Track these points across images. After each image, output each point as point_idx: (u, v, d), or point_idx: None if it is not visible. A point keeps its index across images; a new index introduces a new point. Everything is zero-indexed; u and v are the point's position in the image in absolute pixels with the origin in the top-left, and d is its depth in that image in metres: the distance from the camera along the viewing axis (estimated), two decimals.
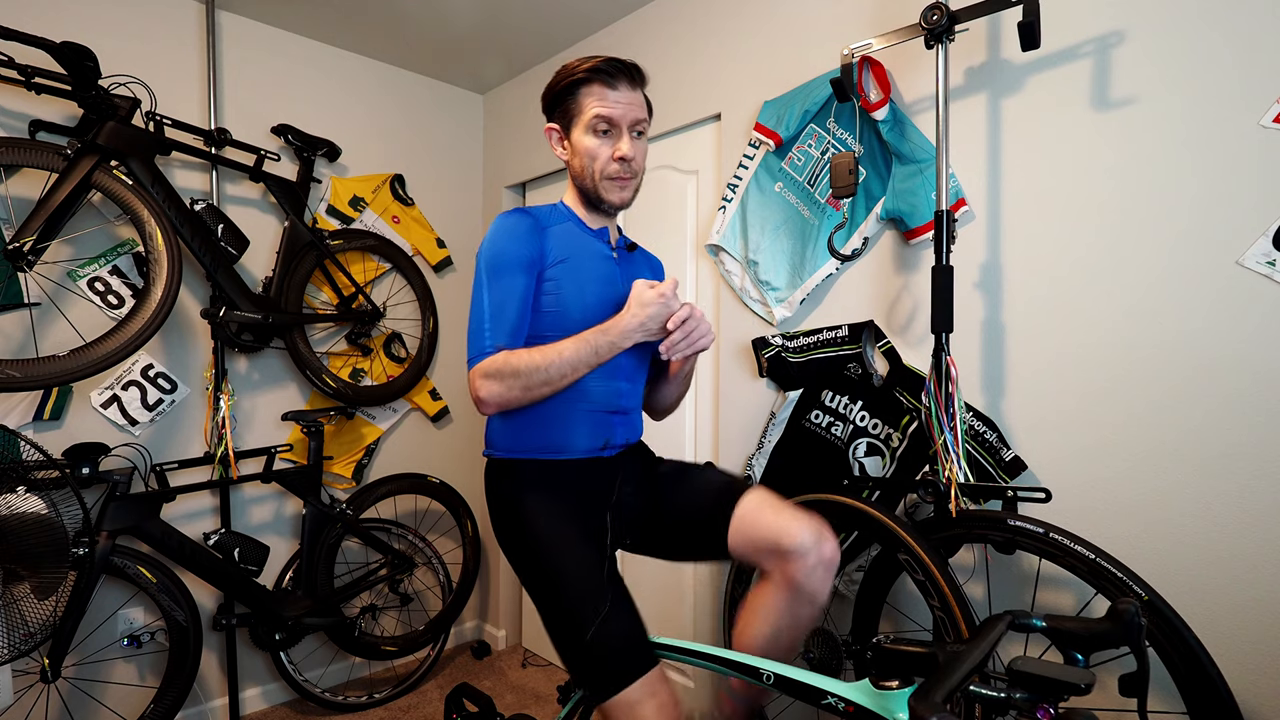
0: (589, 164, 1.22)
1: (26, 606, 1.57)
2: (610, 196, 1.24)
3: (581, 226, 1.28)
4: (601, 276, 1.25)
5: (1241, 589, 1.16)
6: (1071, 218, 1.36)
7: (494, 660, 2.73)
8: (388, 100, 2.66)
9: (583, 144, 1.21)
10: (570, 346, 1.13)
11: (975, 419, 1.44)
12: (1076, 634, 0.76)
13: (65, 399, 1.94)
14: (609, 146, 1.21)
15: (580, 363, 1.13)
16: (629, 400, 1.29)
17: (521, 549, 1.18)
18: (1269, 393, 1.14)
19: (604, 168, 1.21)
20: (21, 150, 1.68)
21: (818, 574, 1.12)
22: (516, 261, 1.18)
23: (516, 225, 1.21)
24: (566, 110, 1.23)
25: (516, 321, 1.16)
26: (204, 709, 2.18)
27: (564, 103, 1.23)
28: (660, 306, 1.14)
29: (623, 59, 1.21)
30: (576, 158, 1.23)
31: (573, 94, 1.21)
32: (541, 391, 1.13)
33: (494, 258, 1.18)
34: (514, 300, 1.16)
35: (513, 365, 1.12)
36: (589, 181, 1.23)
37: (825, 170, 1.72)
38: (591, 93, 1.19)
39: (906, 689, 0.83)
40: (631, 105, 1.21)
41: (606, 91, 1.19)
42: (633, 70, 1.21)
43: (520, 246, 1.18)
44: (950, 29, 1.34)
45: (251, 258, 2.25)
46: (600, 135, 1.20)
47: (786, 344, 1.79)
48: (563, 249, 1.23)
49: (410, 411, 2.73)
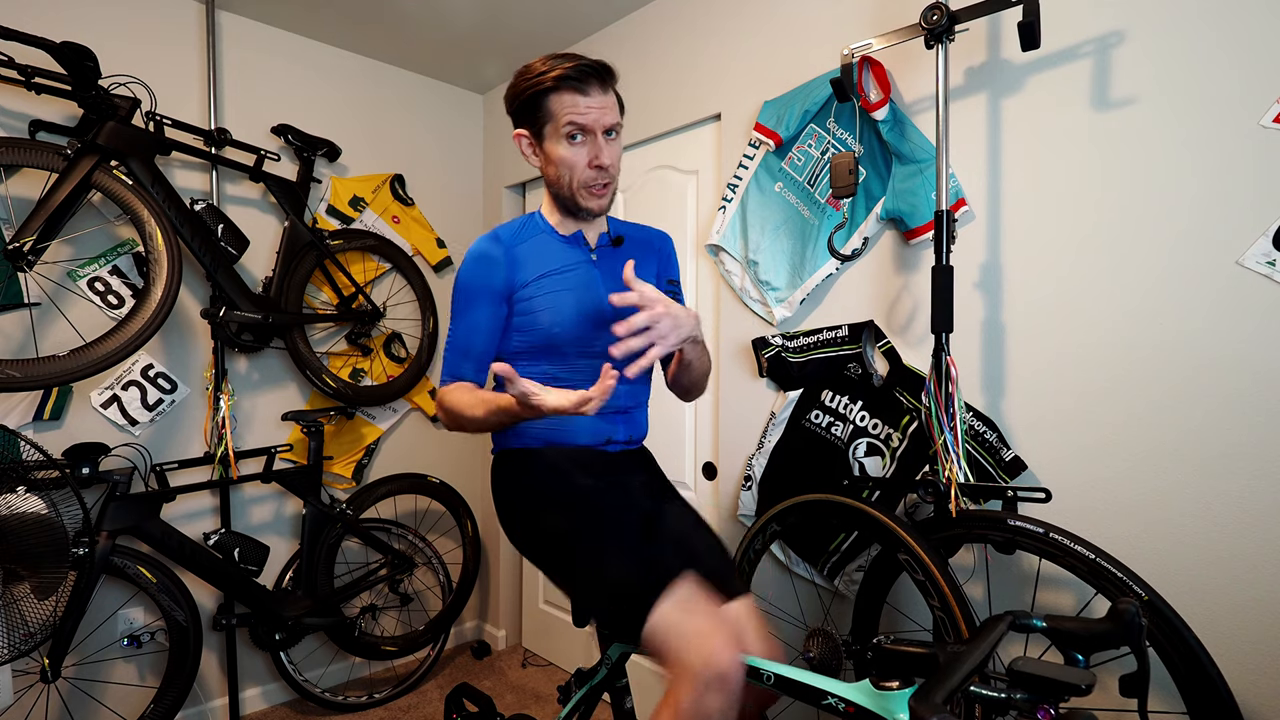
0: (565, 173, 1.20)
1: (26, 606, 1.57)
2: (588, 204, 1.22)
3: (555, 236, 1.27)
4: (578, 284, 1.24)
5: (1242, 589, 1.16)
6: (1071, 218, 1.35)
7: (494, 660, 2.73)
8: (388, 100, 2.66)
9: (557, 153, 1.19)
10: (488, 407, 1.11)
11: (975, 419, 1.44)
12: (1077, 634, 0.76)
13: (65, 399, 1.94)
14: (584, 154, 1.18)
15: (492, 422, 1.13)
16: (628, 399, 1.29)
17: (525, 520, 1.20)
18: (1269, 393, 1.14)
19: (581, 176, 1.19)
20: (21, 150, 1.68)
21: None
22: (479, 293, 1.21)
23: (482, 256, 1.22)
24: (536, 118, 1.19)
25: (480, 351, 1.22)
26: (204, 709, 2.18)
27: (533, 110, 1.19)
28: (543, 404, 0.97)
29: (590, 60, 1.16)
30: (551, 166, 1.21)
31: (542, 100, 1.17)
32: (469, 431, 1.19)
33: (460, 289, 1.23)
34: (477, 332, 1.21)
35: (451, 402, 1.18)
36: (565, 190, 1.22)
37: (825, 170, 1.72)
38: (562, 101, 1.15)
39: (907, 689, 0.83)
40: (604, 109, 1.17)
41: (578, 99, 1.15)
42: (602, 72, 1.17)
43: (484, 278, 1.21)
44: (950, 29, 1.34)
45: (251, 258, 2.25)
46: (574, 143, 1.18)
47: (786, 344, 1.79)
48: (535, 266, 1.23)
49: (410, 411, 2.73)
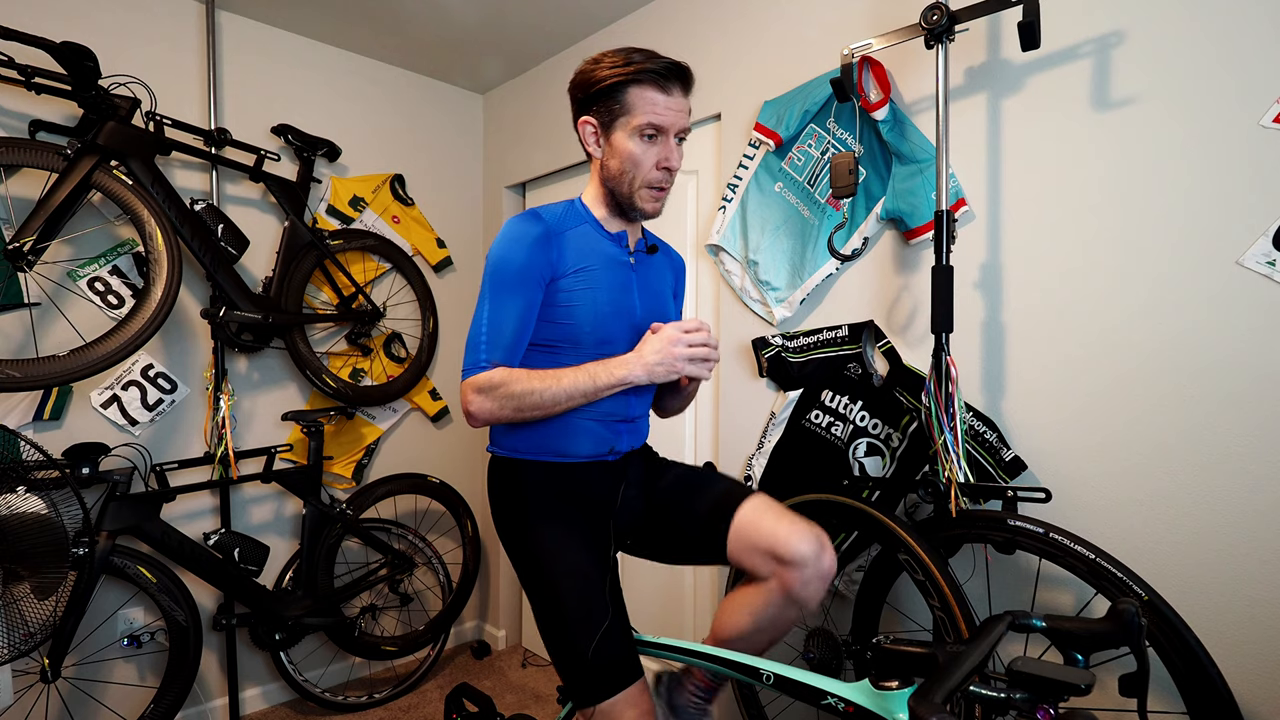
0: (630, 169, 1.15)
1: (26, 606, 1.57)
2: (645, 206, 1.19)
3: (599, 230, 1.22)
4: (616, 284, 1.20)
5: (1242, 589, 1.16)
6: (1071, 217, 1.35)
7: (494, 660, 2.73)
8: (387, 100, 2.66)
9: (626, 147, 1.14)
10: (570, 376, 1.10)
11: (975, 419, 1.44)
12: (1076, 634, 0.76)
13: (65, 399, 1.94)
14: (653, 154, 1.15)
15: (578, 394, 1.10)
16: (637, 409, 1.28)
17: (524, 555, 1.18)
18: (1269, 393, 1.14)
19: (647, 176, 1.15)
20: (21, 150, 1.68)
21: (812, 585, 1.11)
22: (521, 274, 1.12)
23: (525, 234, 1.14)
24: (609, 108, 1.14)
25: (515, 337, 1.12)
26: (204, 709, 2.18)
27: (608, 99, 1.14)
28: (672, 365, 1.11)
29: (677, 61, 1.13)
30: (615, 159, 1.16)
31: (620, 91, 1.12)
32: (533, 414, 1.11)
33: (498, 268, 1.13)
34: (514, 316, 1.12)
35: (509, 386, 1.09)
36: (625, 187, 1.17)
37: (825, 170, 1.72)
38: (644, 95, 1.12)
39: (906, 689, 0.84)
40: (681, 112, 1.14)
41: (659, 96, 1.12)
42: (686, 75, 1.14)
43: (527, 257, 1.13)
44: (950, 29, 1.34)
45: (251, 258, 2.25)
46: (646, 140, 1.14)
47: (786, 344, 1.79)
48: (578, 257, 1.17)
49: (410, 411, 2.73)
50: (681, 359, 1.11)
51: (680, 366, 1.11)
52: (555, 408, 1.11)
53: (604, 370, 1.11)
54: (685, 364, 1.11)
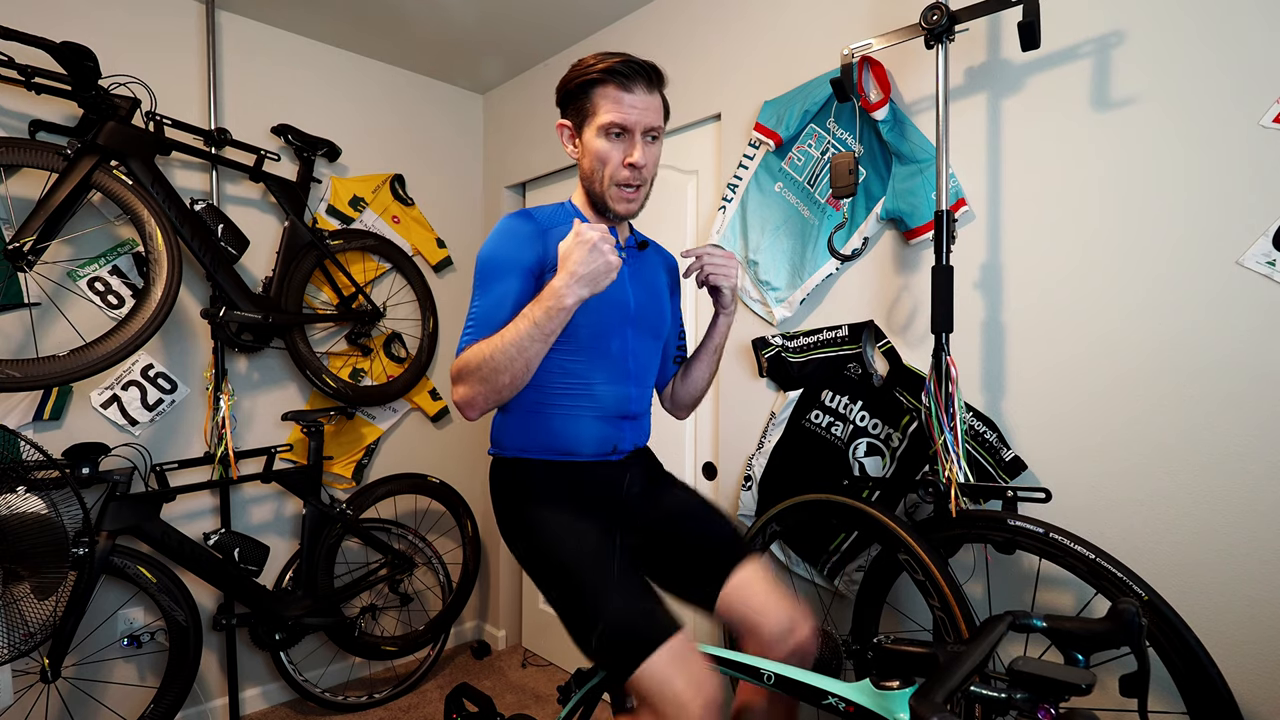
0: (599, 168, 1.18)
1: (26, 606, 1.57)
2: (616, 207, 1.20)
3: None
4: None
5: (1242, 588, 1.16)
6: (1072, 218, 1.35)
7: (494, 660, 2.73)
8: (388, 100, 2.66)
9: (594, 146, 1.17)
10: (511, 325, 1.07)
11: (975, 419, 1.44)
12: (1077, 634, 0.76)
13: (65, 399, 1.94)
14: (620, 151, 1.17)
15: (525, 337, 1.03)
16: (638, 405, 1.28)
17: (531, 547, 1.18)
18: (1269, 393, 1.14)
19: (614, 173, 1.17)
20: (21, 150, 1.68)
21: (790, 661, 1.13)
22: (510, 266, 1.14)
23: (515, 229, 1.18)
24: (579, 108, 1.18)
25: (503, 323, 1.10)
26: (204, 709, 2.18)
27: (577, 100, 1.18)
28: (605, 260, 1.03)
29: (640, 60, 1.16)
30: (587, 159, 1.20)
31: (586, 93, 1.16)
32: (503, 382, 1.06)
33: (486, 262, 1.15)
34: (503, 305, 1.12)
35: (468, 364, 1.08)
36: (597, 185, 1.20)
37: (825, 170, 1.72)
38: (606, 94, 1.15)
39: (907, 689, 0.84)
40: (646, 110, 1.16)
41: (621, 95, 1.14)
42: (650, 72, 1.16)
43: (516, 250, 1.15)
44: (950, 29, 1.34)
45: (251, 258, 2.25)
46: (612, 139, 1.16)
47: (786, 344, 1.79)
48: None
49: (410, 411, 2.73)
50: (608, 249, 1.04)
51: (612, 259, 1.04)
52: (514, 365, 1.05)
53: (538, 304, 1.05)
54: (613, 254, 1.04)
